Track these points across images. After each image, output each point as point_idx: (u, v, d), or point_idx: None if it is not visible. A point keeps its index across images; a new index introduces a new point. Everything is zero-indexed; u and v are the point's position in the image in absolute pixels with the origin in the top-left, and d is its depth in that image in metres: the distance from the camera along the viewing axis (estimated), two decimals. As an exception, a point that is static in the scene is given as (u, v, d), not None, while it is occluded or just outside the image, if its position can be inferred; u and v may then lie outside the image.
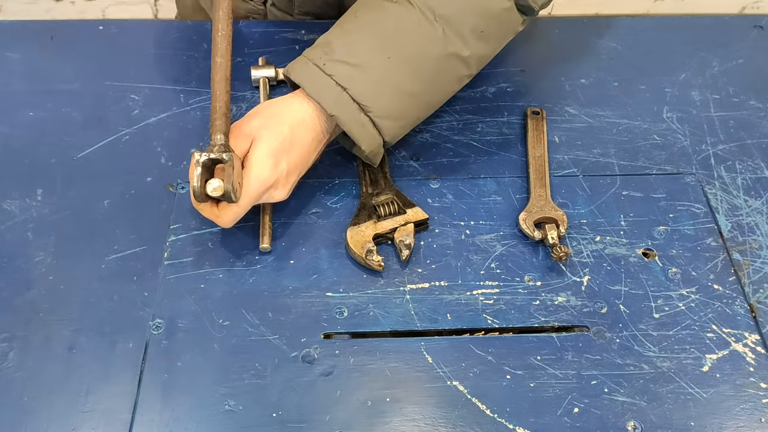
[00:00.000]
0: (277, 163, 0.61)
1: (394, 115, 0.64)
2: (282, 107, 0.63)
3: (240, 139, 0.61)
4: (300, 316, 0.61)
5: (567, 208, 0.69)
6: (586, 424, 0.56)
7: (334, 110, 0.62)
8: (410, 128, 0.68)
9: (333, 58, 0.63)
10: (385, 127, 0.64)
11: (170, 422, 0.55)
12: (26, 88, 0.78)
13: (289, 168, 0.62)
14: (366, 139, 0.64)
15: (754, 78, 0.83)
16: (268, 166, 0.60)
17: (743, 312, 0.62)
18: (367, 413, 0.56)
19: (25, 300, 0.61)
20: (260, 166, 0.60)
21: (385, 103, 0.63)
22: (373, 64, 0.63)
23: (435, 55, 0.64)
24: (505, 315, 0.62)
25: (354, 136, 0.63)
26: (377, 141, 0.65)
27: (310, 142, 0.63)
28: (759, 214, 0.70)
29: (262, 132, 0.61)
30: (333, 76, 0.62)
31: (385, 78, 0.63)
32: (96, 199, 0.68)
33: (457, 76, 0.67)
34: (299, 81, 0.63)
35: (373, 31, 0.64)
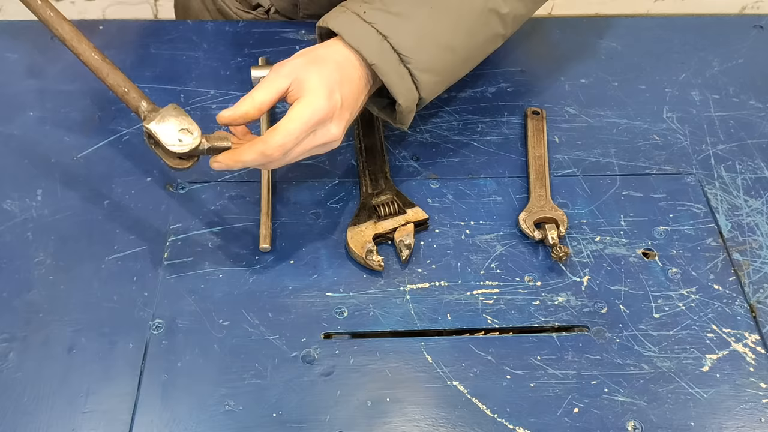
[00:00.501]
0: (332, 93, 0.57)
1: (434, 68, 0.62)
2: (324, 50, 0.61)
3: (281, 78, 0.58)
4: (300, 316, 0.61)
5: (567, 208, 0.69)
6: (586, 424, 0.56)
7: (375, 59, 0.59)
8: (445, 87, 0.67)
9: (374, 6, 0.61)
10: (424, 81, 0.62)
11: (170, 422, 0.55)
12: (26, 88, 0.78)
13: (344, 101, 0.59)
14: (404, 92, 0.61)
15: (754, 78, 0.83)
16: (323, 94, 0.57)
17: (743, 312, 0.62)
18: (367, 413, 0.56)
19: (25, 300, 0.61)
20: (314, 93, 0.57)
21: (426, 55, 0.61)
22: (415, 14, 0.61)
23: (476, 9, 0.63)
24: (505, 315, 0.62)
25: (392, 87, 0.61)
26: (414, 96, 0.62)
27: (358, 80, 0.60)
28: (759, 214, 0.70)
29: (310, 67, 0.58)
30: (374, 24, 0.60)
31: (427, 29, 0.61)
32: (96, 199, 0.68)
33: (494, 34, 0.66)
34: (338, 29, 0.61)
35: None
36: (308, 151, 0.59)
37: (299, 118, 0.56)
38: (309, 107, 0.56)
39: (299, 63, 0.59)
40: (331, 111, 0.57)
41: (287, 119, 0.56)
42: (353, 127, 0.75)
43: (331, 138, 0.59)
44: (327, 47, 0.61)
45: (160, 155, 0.57)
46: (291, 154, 0.58)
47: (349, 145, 0.74)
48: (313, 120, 0.57)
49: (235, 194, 0.69)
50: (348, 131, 0.75)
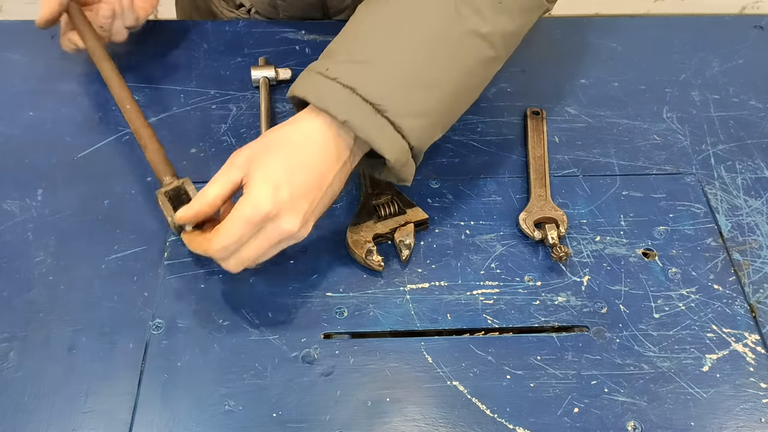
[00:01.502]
0: (277, 189, 0.53)
1: (417, 111, 0.56)
2: (284, 129, 0.57)
3: (234, 170, 0.55)
4: (300, 316, 0.61)
5: (567, 208, 0.69)
6: (586, 424, 0.56)
7: (345, 115, 0.54)
8: (441, 129, 0.60)
9: (337, 60, 0.56)
10: (408, 127, 0.55)
11: (170, 422, 0.55)
12: (26, 88, 0.78)
13: (295, 194, 0.54)
14: (388, 144, 0.55)
15: (754, 78, 0.83)
16: (264, 192, 0.53)
17: (743, 312, 0.62)
18: (367, 413, 0.56)
19: (25, 300, 0.61)
20: (256, 190, 0.53)
21: (402, 98, 0.55)
22: (382, 57, 0.56)
23: (451, 36, 0.57)
24: (505, 315, 0.62)
25: (373, 142, 0.55)
26: (401, 145, 0.56)
27: (321, 161, 0.55)
28: (759, 214, 0.70)
29: (259, 157, 0.55)
30: (338, 78, 0.55)
31: (397, 69, 0.55)
32: (96, 199, 0.68)
33: (481, 58, 0.59)
34: (303, 94, 0.56)
35: (377, 23, 0.57)
36: (267, 248, 0.55)
37: (237, 219, 0.53)
38: (248, 206, 0.53)
39: (254, 151, 0.55)
40: (275, 208, 0.53)
41: (227, 220, 0.54)
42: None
43: (287, 233, 0.55)
44: (289, 125, 0.57)
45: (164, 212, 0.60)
46: (243, 255, 0.55)
47: (349, 145, 0.74)
48: (253, 220, 0.53)
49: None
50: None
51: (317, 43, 0.85)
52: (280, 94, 0.79)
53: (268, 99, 0.77)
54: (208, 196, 0.56)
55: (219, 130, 0.75)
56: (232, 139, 0.74)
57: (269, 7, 0.88)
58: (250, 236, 0.54)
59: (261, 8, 0.89)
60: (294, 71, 0.80)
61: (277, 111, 0.77)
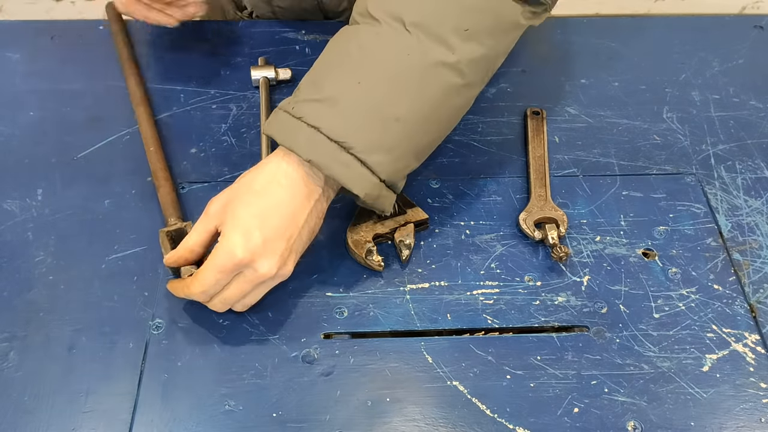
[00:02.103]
0: (248, 235, 0.54)
1: (381, 146, 0.56)
2: (254, 173, 0.57)
3: (209, 219, 0.57)
4: (300, 316, 0.61)
5: (567, 208, 0.69)
6: (586, 424, 0.56)
7: (310, 155, 0.54)
8: (415, 159, 0.60)
9: (302, 98, 0.56)
10: (375, 163, 0.55)
11: (170, 422, 0.55)
12: (26, 88, 0.78)
13: (268, 238, 0.54)
14: (357, 181, 0.55)
15: (754, 78, 0.83)
16: (236, 239, 0.54)
17: (743, 312, 0.62)
18: (367, 413, 0.56)
19: (25, 300, 0.61)
20: (228, 238, 0.54)
21: (366, 134, 0.55)
22: (343, 94, 0.55)
23: (414, 69, 0.56)
24: (505, 315, 0.62)
25: (340, 178, 0.55)
26: (372, 181, 0.56)
27: (291, 202, 0.56)
28: (759, 214, 0.70)
29: (231, 205, 0.56)
30: (303, 118, 0.55)
31: (359, 106, 0.55)
32: (96, 199, 0.68)
33: (450, 87, 0.58)
34: (271, 134, 0.57)
35: (338, 61, 0.57)
36: (250, 290, 0.57)
37: (212, 267, 0.55)
38: (222, 254, 0.54)
39: (227, 198, 0.57)
40: (248, 253, 0.54)
41: (204, 267, 0.55)
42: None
43: (264, 276, 0.55)
44: (258, 170, 0.57)
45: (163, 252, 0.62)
46: (226, 297, 0.57)
47: (349, 145, 0.74)
48: (227, 266, 0.54)
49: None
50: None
51: (317, 43, 0.85)
52: (280, 94, 0.79)
53: (268, 99, 0.77)
54: (188, 243, 0.58)
55: (219, 130, 0.75)
56: (232, 139, 0.74)
57: (268, 12, 0.89)
58: (228, 281, 0.56)
59: (260, 12, 0.90)
60: (294, 71, 0.80)
61: (277, 111, 0.77)
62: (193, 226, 0.58)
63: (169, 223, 0.64)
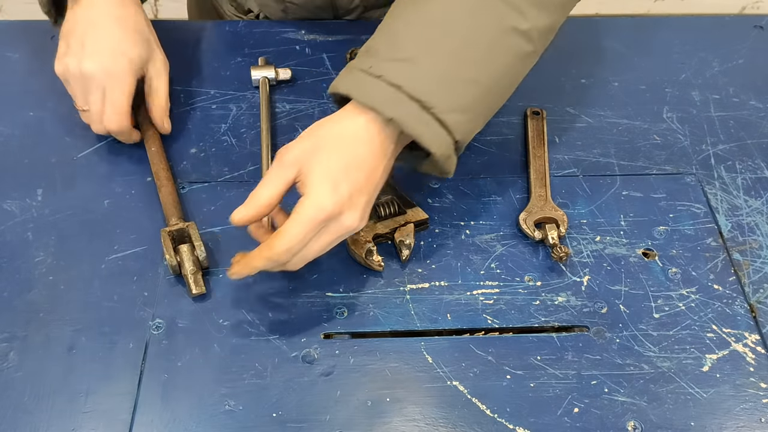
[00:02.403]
0: (337, 187, 0.54)
1: (461, 106, 0.57)
2: (331, 126, 0.57)
3: (285, 169, 0.55)
4: (300, 316, 0.61)
5: (567, 208, 0.69)
6: (586, 424, 0.56)
7: (392, 113, 0.54)
8: (483, 122, 0.61)
9: (380, 58, 0.57)
10: (454, 122, 0.56)
11: (170, 422, 0.55)
12: (26, 88, 0.78)
13: (354, 189, 0.55)
14: (435, 140, 0.56)
15: (754, 78, 0.83)
16: (326, 191, 0.54)
17: (743, 312, 0.62)
18: (367, 413, 0.56)
19: (25, 300, 0.61)
20: (317, 190, 0.54)
21: (447, 95, 0.56)
22: (424, 55, 0.56)
23: (491, 33, 0.57)
24: (505, 315, 0.62)
25: (421, 138, 0.55)
26: (447, 141, 0.57)
27: (371, 157, 0.56)
28: (759, 214, 0.70)
29: (314, 156, 0.55)
30: (383, 77, 0.55)
31: (441, 67, 0.56)
32: (96, 199, 0.68)
33: (521, 54, 0.59)
34: (347, 91, 0.56)
35: (418, 21, 0.58)
36: (327, 245, 0.57)
37: (302, 221, 0.54)
38: (312, 207, 0.53)
39: (304, 149, 0.56)
40: (338, 206, 0.54)
41: (291, 222, 0.54)
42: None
43: (348, 228, 0.56)
44: (335, 122, 0.57)
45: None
46: (307, 253, 0.56)
47: (349, 145, 0.74)
48: (317, 219, 0.54)
49: (235, 194, 0.69)
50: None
51: (317, 43, 0.85)
52: (280, 94, 0.79)
53: (268, 99, 0.77)
54: (262, 197, 0.56)
55: (219, 130, 0.75)
56: (232, 139, 0.74)
57: (279, 11, 0.88)
58: (314, 235, 0.55)
59: (270, 12, 0.89)
60: (294, 71, 0.80)
61: (277, 111, 0.77)
62: (263, 178, 0.56)
63: (170, 223, 0.64)
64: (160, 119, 0.72)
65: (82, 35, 0.67)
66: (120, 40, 0.68)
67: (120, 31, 0.68)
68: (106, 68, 0.66)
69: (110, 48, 0.67)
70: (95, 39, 0.67)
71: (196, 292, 0.60)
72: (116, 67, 0.67)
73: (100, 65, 0.66)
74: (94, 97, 0.68)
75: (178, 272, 0.61)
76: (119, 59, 0.67)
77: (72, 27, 0.68)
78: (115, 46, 0.67)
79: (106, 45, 0.67)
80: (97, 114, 0.69)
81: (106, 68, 0.66)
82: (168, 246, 0.61)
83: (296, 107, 0.78)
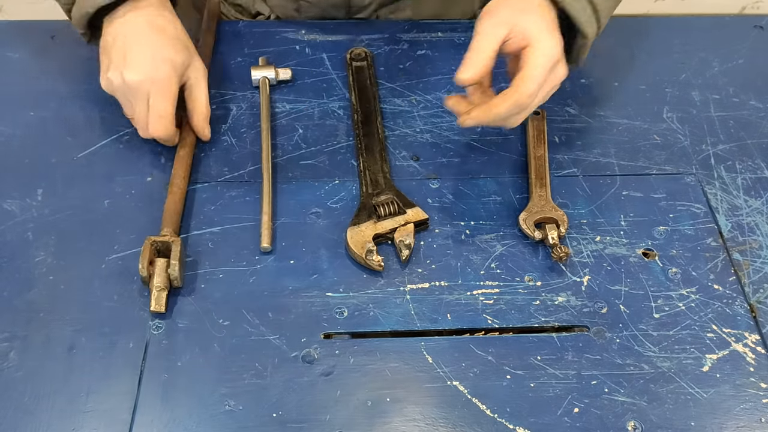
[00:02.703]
0: (554, 35, 0.62)
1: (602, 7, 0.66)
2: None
3: (499, 27, 0.62)
4: (300, 316, 0.61)
5: (567, 208, 0.69)
6: (586, 424, 0.56)
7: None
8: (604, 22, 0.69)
9: None
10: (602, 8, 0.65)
11: (170, 422, 0.55)
12: (27, 88, 0.78)
13: (560, 42, 0.63)
14: (589, 24, 0.65)
15: (754, 78, 0.83)
16: (550, 39, 0.61)
17: (743, 312, 0.62)
18: (367, 413, 0.56)
19: (25, 300, 0.61)
20: (544, 39, 0.61)
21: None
22: None
23: None
24: (505, 315, 0.62)
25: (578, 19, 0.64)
26: (594, 28, 0.66)
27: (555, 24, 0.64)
28: (759, 214, 0.70)
29: (523, 15, 0.62)
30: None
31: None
32: (96, 199, 0.68)
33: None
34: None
35: None
36: (546, 95, 0.64)
37: (541, 65, 0.61)
38: (544, 54, 0.61)
39: (509, 12, 0.62)
40: (559, 53, 0.62)
41: (529, 68, 0.61)
42: (353, 127, 0.75)
43: (561, 77, 0.64)
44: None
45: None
46: (535, 101, 0.63)
47: (350, 145, 0.74)
48: (549, 64, 0.61)
49: (235, 194, 0.69)
50: (347, 131, 0.75)
51: (317, 43, 0.85)
52: (280, 94, 0.79)
53: (268, 99, 0.77)
54: (487, 50, 0.62)
55: (219, 130, 0.75)
56: (232, 139, 0.74)
57: (292, 11, 0.89)
58: (545, 82, 0.62)
59: (282, 13, 0.89)
60: (294, 71, 0.80)
61: (277, 111, 0.77)
62: (476, 37, 0.62)
63: (161, 232, 0.63)
64: (201, 127, 0.72)
65: (123, 47, 0.67)
66: (161, 47, 0.68)
67: (160, 39, 0.68)
68: (150, 76, 0.67)
69: (151, 56, 0.67)
70: (136, 49, 0.67)
71: (154, 310, 0.59)
72: (159, 74, 0.67)
73: (143, 74, 0.66)
74: (139, 107, 0.68)
75: (147, 284, 0.60)
76: (161, 66, 0.67)
77: (112, 41, 0.68)
78: (155, 54, 0.67)
79: (148, 53, 0.67)
80: (142, 121, 0.69)
81: (150, 76, 0.67)
82: (144, 256, 0.60)
83: (296, 107, 0.78)
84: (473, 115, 0.63)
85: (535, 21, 0.62)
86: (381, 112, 0.77)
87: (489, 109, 0.62)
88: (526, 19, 0.62)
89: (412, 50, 0.85)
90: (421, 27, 0.88)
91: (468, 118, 0.64)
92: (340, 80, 0.81)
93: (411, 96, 0.80)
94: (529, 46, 0.61)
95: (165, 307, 0.60)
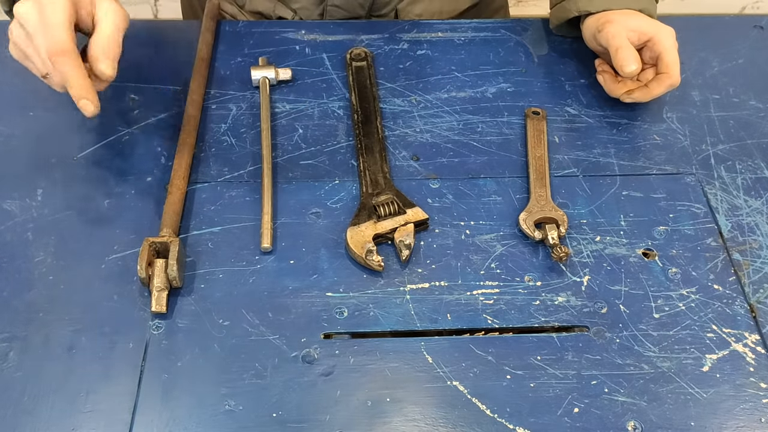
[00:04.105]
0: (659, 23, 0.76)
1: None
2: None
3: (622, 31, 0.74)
4: (300, 316, 0.61)
5: (567, 208, 0.69)
6: (586, 424, 0.56)
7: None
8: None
9: None
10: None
11: (170, 422, 0.55)
12: (26, 88, 0.78)
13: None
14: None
15: (754, 78, 0.83)
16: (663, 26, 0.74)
17: (743, 312, 0.62)
18: (367, 413, 0.56)
19: (25, 300, 0.61)
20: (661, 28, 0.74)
21: None
22: None
23: None
24: (505, 315, 0.62)
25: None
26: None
27: None
28: (759, 214, 0.70)
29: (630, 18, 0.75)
30: None
31: None
32: (96, 199, 0.68)
33: None
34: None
35: None
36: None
37: (673, 47, 0.74)
38: (669, 38, 0.74)
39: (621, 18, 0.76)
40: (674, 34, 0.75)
41: (669, 53, 0.73)
42: (353, 127, 0.75)
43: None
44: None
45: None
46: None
47: (350, 145, 0.74)
48: (676, 45, 0.74)
49: (235, 194, 0.69)
50: (347, 131, 0.75)
51: (317, 43, 0.85)
52: (280, 94, 0.79)
53: (268, 99, 0.77)
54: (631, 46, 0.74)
55: (219, 130, 0.75)
56: (232, 139, 0.74)
57: (316, 14, 0.89)
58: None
59: (305, 15, 0.90)
60: (294, 71, 0.80)
61: (277, 111, 0.77)
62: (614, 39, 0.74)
63: (160, 233, 0.63)
64: (95, 57, 0.62)
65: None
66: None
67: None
68: (38, 1, 0.60)
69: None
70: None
71: (155, 310, 0.59)
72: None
73: (31, 2, 0.60)
74: (36, 40, 0.60)
75: (147, 285, 0.60)
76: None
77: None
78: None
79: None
80: (39, 54, 0.61)
81: (38, 1, 0.60)
82: (143, 257, 0.60)
83: (296, 107, 0.78)
84: (635, 95, 0.75)
85: (640, 18, 0.75)
86: (381, 112, 0.77)
87: (649, 91, 0.75)
88: (634, 20, 0.75)
89: (412, 50, 0.85)
90: (421, 27, 0.88)
91: (629, 97, 0.76)
92: (340, 80, 0.81)
93: (411, 96, 0.80)
94: (654, 38, 0.74)
95: (166, 307, 0.60)
